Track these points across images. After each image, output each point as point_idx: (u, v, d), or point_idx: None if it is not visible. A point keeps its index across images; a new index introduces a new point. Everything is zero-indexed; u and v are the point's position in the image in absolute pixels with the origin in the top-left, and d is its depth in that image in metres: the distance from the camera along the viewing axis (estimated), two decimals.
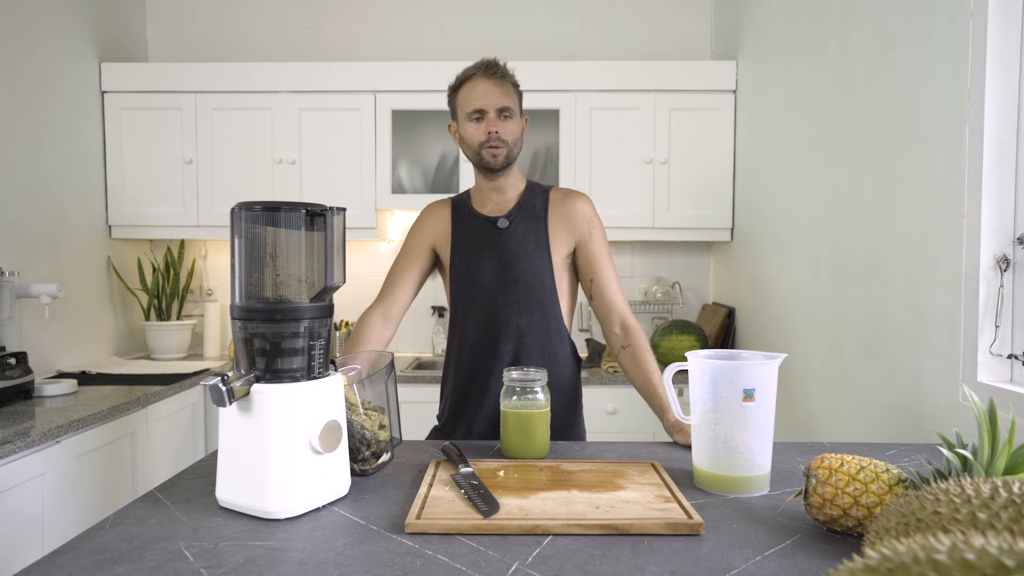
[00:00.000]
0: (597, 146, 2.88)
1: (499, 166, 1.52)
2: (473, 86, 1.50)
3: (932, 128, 1.49)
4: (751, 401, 0.99)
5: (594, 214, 1.59)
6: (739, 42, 2.82)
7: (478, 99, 1.49)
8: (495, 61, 1.52)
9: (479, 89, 1.49)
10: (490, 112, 1.49)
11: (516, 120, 1.53)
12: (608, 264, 1.57)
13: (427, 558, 0.79)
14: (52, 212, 2.55)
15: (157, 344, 2.95)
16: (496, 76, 1.50)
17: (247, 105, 2.89)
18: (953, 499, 0.59)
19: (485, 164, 1.52)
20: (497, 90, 1.50)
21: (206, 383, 0.89)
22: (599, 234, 1.58)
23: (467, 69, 1.53)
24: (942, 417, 1.45)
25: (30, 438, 1.69)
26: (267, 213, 0.95)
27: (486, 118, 1.50)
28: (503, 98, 1.50)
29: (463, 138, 1.54)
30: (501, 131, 1.50)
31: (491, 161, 1.51)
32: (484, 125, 1.50)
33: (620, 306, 1.56)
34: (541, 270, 1.53)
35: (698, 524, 0.86)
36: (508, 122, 1.51)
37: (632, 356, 1.51)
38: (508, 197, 1.58)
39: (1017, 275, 1.32)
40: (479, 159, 1.52)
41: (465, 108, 1.51)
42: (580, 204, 1.58)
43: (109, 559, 0.79)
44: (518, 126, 1.53)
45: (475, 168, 1.57)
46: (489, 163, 1.51)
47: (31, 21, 2.45)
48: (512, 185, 1.58)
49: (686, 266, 3.26)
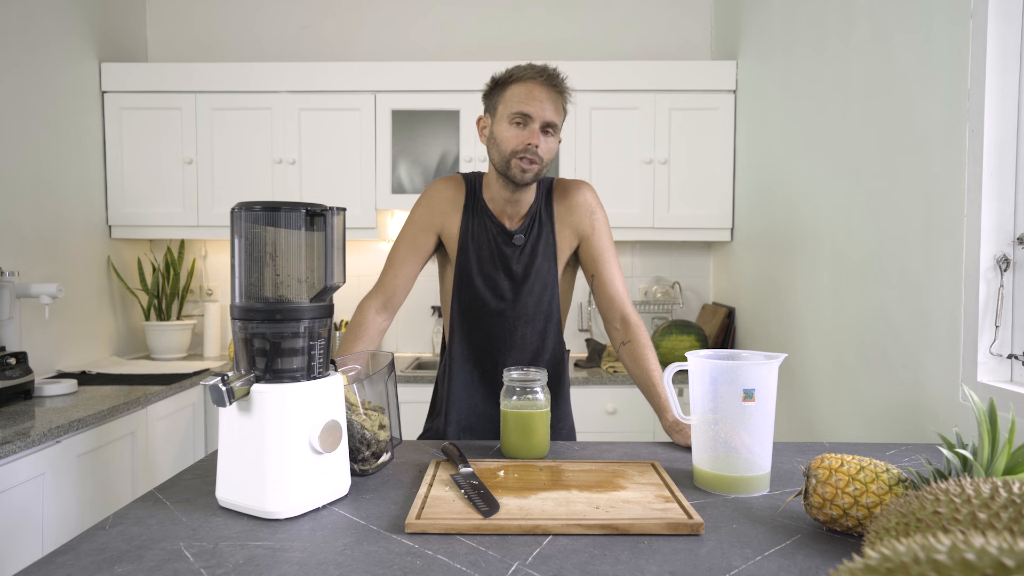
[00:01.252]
0: (597, 146, 2.88)
1: (527, 183, 1.42)
2: (529, 88, 1.38)
3: (932, 128, 1.49)
4: (751, 401, 0.99)
5: (596, 203, 1.53)
6: (739, 42, 2.82)
7: (530, 104, 1.37)
8: (556, 71, 1.40)
9: (535, 94, 1.37)
10: (537, 122, 1.37)
11: (555, 140, 1.42)
12: (611, 257, 1.52)
13: (427, 558, 0.79)
14: (52, 212, 2.55)
15: (157, 344, 2.95)
16: (556, 88, 1.39)
17: (247, 105, 2.89)
18: (953, 499, 0.59)
19: (512, 176, 1.40)
20: (552, 104, 1.38)
21: (206, 383, 0.89)
22: (601, 225, 1.52)
23: (523, 68, 1.40)
24: (942, 417, 1.45)
25: (30, 438, 1.69)
26: (267, 213, 0.95)
27: (530, 127, 1.38)
28: (555, 113, 1.39)
29: (496, 138, 1.41)
30: (541, 147, 1.38)
31: (519, 176, 1.40)
32: (526, 134, 1.38)
33: (621, 299, 1.51)
34: (550, 280, 1.50)
35: (698, 524, 0.86)
36: (550, 139, 1.40)
37: (632, 353, 1.46)
38: (523, 204, 1.50)
39: (1017, 275, 1.32)
40: (507, 168, 1.40)
41: (511, 107, 1.38)
42: (580, 195, 1.51)
43: (109, 559, 0.79)
44: (556, 145, 1.42)
45: (498, 175, 1.46)
46: (517, 177, 1.40)
47: (31, 21, 2.45)
48: (526, 198, 1.49)
49: (686, 266, 3.26)
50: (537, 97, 1.37)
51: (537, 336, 1.53)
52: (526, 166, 1.39)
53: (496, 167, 1.44)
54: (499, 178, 1.46)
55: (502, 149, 1.40)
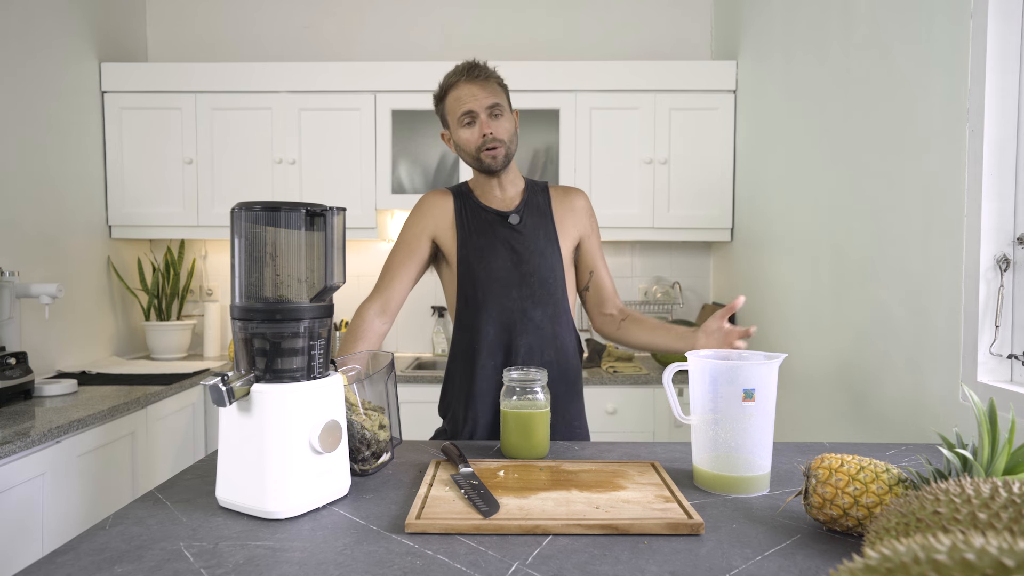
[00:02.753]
0: (597, 146, 2.88)
1: (500, 166, 1.52)
2: (458, 91, 1.48)
3: (932, 128, 1.49)
4: (751, 401, 0.99)
5: (592, 210, 1.64)
6: (739, 42, 2.82)
7: (466, 103, 1.47)
8: (475, 63, 1.50)
9: (465, 92, 1.48)
10: (480, 114, 1.47)
11: (507, 116, 1.51)
12: (603, 258, 1.65)
13: (427, 558, 0.79)
14: (52, 212, 2.55)
15: (157, 344, 2.95)
16: (480, 78, 1.48)
17: (247, 105, 2.89)
18: (953, 499, 0.59)
19: (486, 167, 1.51)
20: (482, 91, 1.48)
21: (206, 383, 0.89)
22: (597, 229, 1.64)
23: (448, 76, 1.50)
24: (942, 417, 1.45)
25: (30, 438, 1.69)
26: (267, 213, 0.95)
27: (478, 120, 1.48)
28: (490, 96, 1.48)
29: (459, 144, 1.53)
30: (495, 131, 1.48)
31: (491, 163, 1.50)
32: (477, 128, 1.48)
33: (614, 294, 1.64)
34: (553, 264, 1.54)
35: (698, 524, 0.86)
36: (500, 120, 1.49)
37: (634, 319, 1.58)
38: (511, 193, 1.58)
39: (1017, 275, 1.32)
40: (479, 163, 1.52)
41: (454, 114, 1.49)
42: (581, 200, 1.62)
43: (109, 559, 0.79)
44: (510, 122, 1.52)
45: (476, 172, 1.57)
46: (490, 165, 1.51)
47: (31, 21, 2.45)
48: (513, 181, 1.58)
49: (686, 266, 3.26)
50: (468, 94, 1.48)
51: (549, 320, 1.52)
52: (494, 153, 1.50)
53: (472, 167, 1.56)
54: (478, 174, 1.57)
55: (467, 150, 1.52)
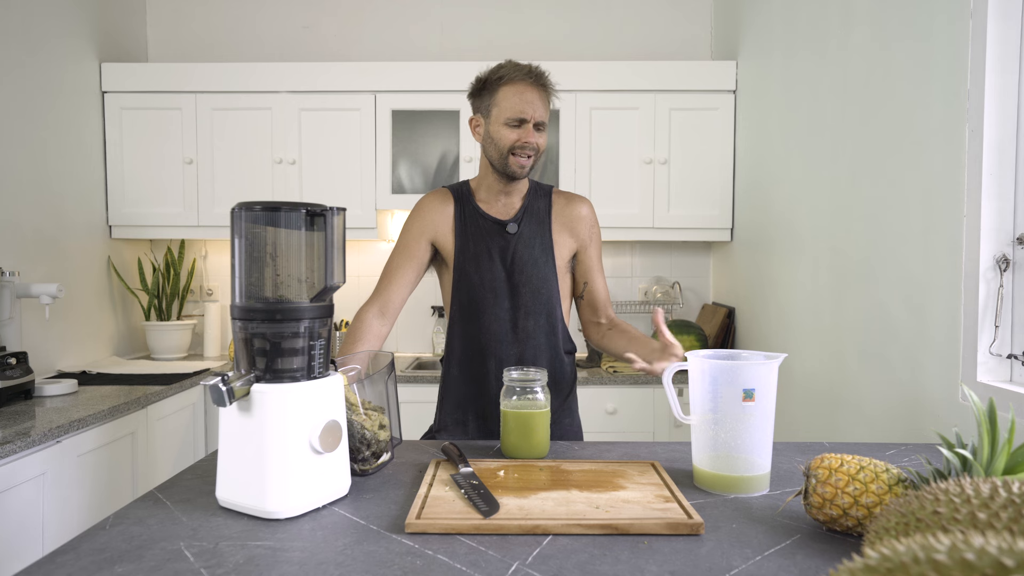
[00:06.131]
0: (597, 146, 2.88)
1: (522, 176, 1.50)
2: (519, 91, 1.44)
3: (932, 128, 1.49)
4: (751, 401, 0.99)
5: (595, 220, 1.61)
6: (739, 42, 2.82)
7: (523, 108, 1.44)
8: (542, 70, 1.46)
9: (526, 96, 1.44)
10: (531, 123, 1.45)
11: (545, 132, 1.50)
12: (601, 269, 1.63)
13: (427, 558, 0.79)
14: (52, 212, 2.55)
15: (157, 344, 2.95)
16: (544, 88, 1.47)
17: (247, 105, 2.89)
18: (953, 499, 0.59)
19: (511, 171, 1.48)
20: (541, 102, 1.46)
21: (206, 383, 0.89)
22: (597, 240, 1.61)
23: (509, 68, 1.45)
24: (942, 417, 1.45)
25: (30, 438, 1.70)
26: (267, 213, 0.95)
27: (525, 127, 1.45)
28: (545, 111, 1.47)
29: (492, 137, 1.48)
30: (539, 143, 1.47)
31: (517, 171, 1.48)
32: (522, 132, 1.45)
33: (607, 306, 1.62)
34: (547, 273, 1.53)
35: (698, 524, 0.86)
36: (541, 134, 1.48)
37: (619, 329, 1.55)
38: (515, 199, 1.56)
39: (1017, 275, 1.32)
40: (505, 164, 1.48)
41: (506, 111, 1.45)
42: (583, 209, 1.59)
43: (109, 559, 0.79)
44: (545, 138, 1.51)
45: (493, 169, 1.52)
46: (515, 172, 1.48)
47: (31, 21, 2.45)
48: (518, 188, 1.57)
49: (686, 266, 3.26)
50: (529, 99, 1.44)
51: (540, 331, 1.53)
52: (523, 161, 1.47)
53: (493, 163, 1.51)
54: (494, 172, 1.52)
55: (500, 147, 1.47)
